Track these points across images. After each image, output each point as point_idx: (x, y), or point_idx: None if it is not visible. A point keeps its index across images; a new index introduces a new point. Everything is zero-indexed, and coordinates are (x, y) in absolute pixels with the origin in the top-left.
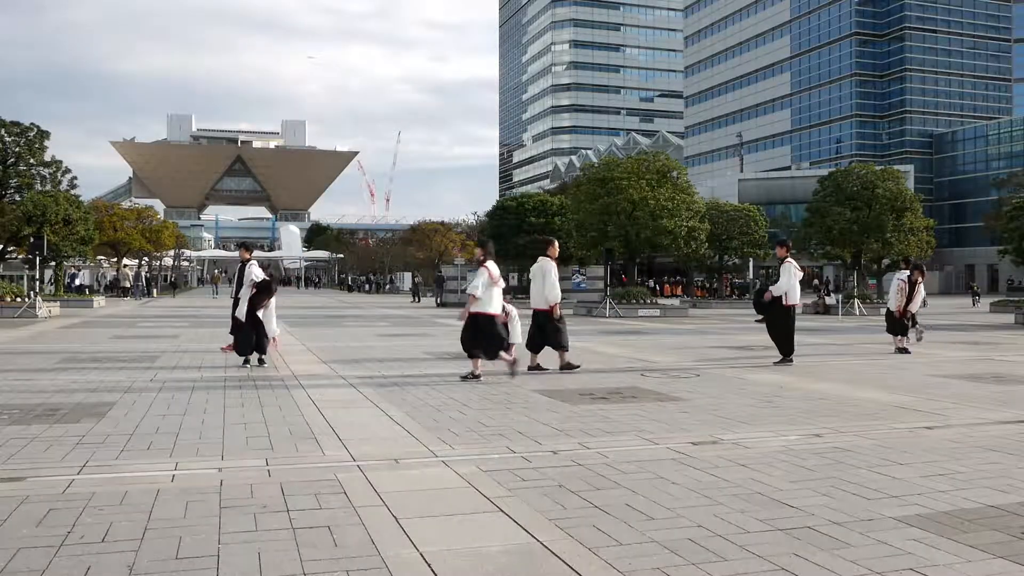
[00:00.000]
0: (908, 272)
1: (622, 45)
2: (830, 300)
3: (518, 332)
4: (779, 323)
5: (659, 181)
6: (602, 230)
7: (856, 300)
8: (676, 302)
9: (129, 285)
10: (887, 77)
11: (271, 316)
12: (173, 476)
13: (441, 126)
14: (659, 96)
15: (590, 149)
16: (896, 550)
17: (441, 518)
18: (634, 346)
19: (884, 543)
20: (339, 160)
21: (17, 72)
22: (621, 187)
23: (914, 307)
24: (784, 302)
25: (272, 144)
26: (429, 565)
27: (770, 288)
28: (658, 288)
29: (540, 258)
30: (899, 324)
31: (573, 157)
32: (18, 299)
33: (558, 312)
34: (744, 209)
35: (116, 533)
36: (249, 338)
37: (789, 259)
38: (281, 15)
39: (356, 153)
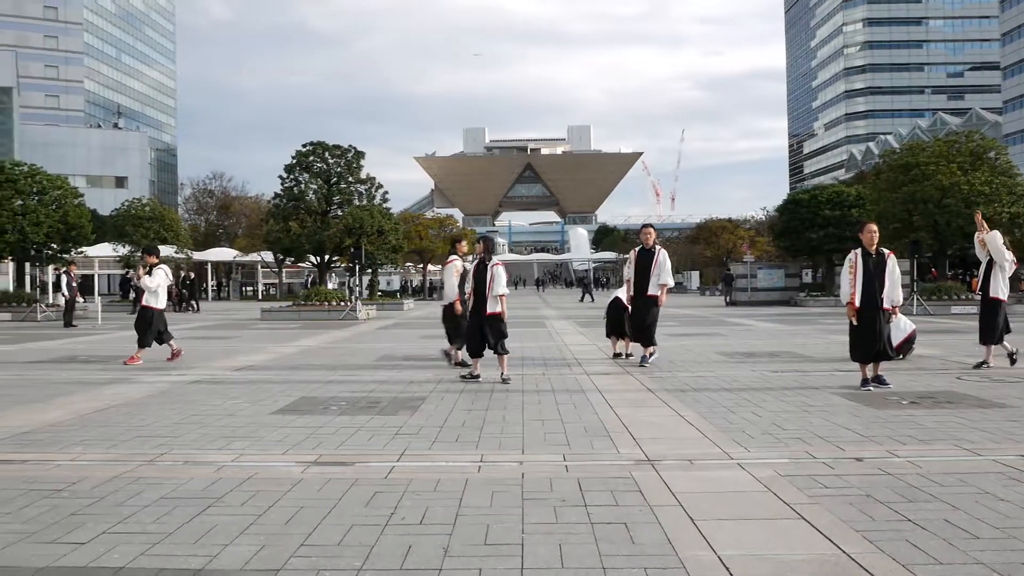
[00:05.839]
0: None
1: (924, 18)
2: None
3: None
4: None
5: (973, 164)
6: (906, 220)
7: None
8: None
9: None
10: None
11: None
12: (479, 467)
13: (722, 121)
14: (969, 70)
15: (890, 134)
16: None
17: (738, 522)
18: (945, 346)
19: None
20: (624, 162)
21: (334, 102)
22: (928, 173)
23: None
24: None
25: (559, 150)
26: (728, 569)
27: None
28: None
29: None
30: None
31: (870, 144)
32: (342, 303)
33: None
34: None
35: (432, 517)
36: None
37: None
38: (556, 26)
39: (640, 154)
